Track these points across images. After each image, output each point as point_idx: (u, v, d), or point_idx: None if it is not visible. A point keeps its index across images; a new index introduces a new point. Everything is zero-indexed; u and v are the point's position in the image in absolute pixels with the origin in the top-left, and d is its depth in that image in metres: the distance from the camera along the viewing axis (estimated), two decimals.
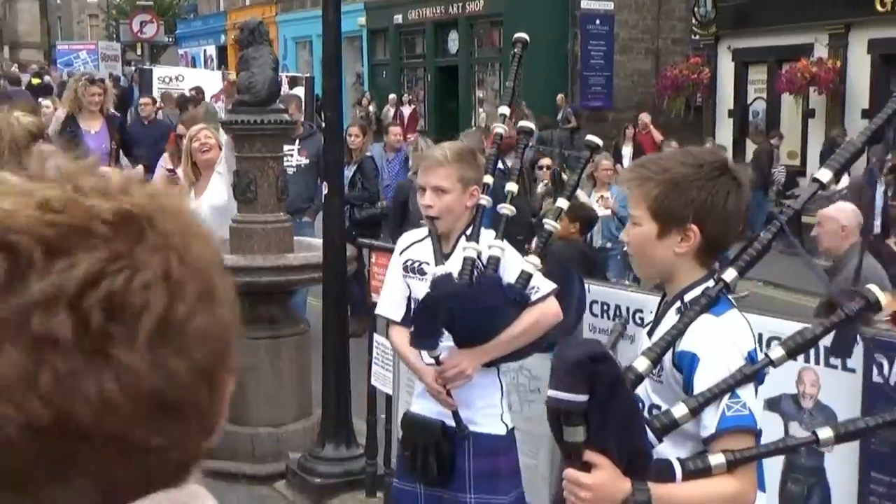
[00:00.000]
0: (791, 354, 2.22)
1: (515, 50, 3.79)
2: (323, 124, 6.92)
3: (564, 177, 11.06)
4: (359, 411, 5.66)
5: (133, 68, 31.45)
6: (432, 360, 3.43)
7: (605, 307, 3.81)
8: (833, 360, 3.03)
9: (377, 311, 3.87)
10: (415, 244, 3.72)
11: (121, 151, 9.37)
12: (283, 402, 6.17)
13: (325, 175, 5.64)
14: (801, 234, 6.77)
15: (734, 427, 2.22)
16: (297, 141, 8.60)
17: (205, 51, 43.05)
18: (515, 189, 3.60)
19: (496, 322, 3.33)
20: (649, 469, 2.15)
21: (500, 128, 3.71)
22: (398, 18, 29.15)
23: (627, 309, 3.71)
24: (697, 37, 23.32)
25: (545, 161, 12.31)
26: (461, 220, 3.56)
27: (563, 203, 3.49)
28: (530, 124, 3.90)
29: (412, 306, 3.65)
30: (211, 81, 22.74)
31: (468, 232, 3.52)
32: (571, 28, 25.39)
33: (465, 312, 3.29)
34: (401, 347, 3.70)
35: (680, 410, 2.20)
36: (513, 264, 3.41)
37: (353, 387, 5.60)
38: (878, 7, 18.05)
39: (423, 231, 3.74)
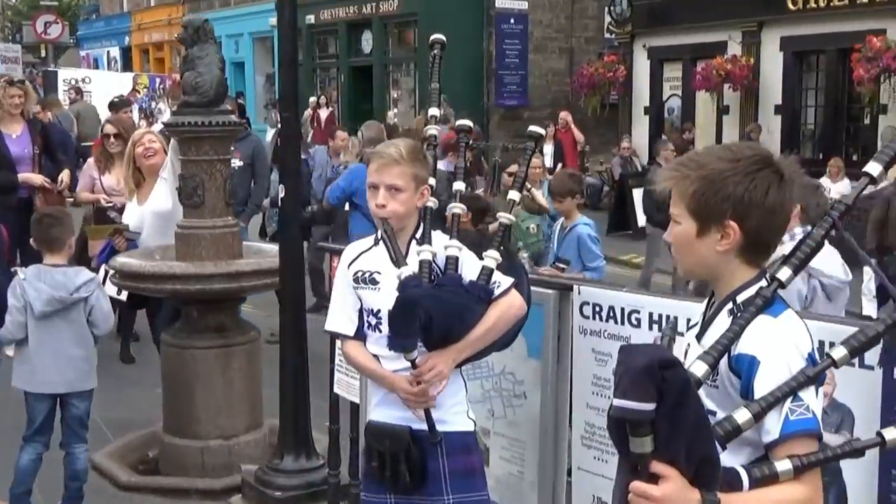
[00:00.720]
0: (854, 354, 2.14)
1: (434, 51, 3.80)
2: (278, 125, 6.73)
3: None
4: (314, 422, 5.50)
5: (34, 71, 30.61)
6: (402, 365, 3.35)
7: (598, 308, 3.69)
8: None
9: (326, 327, 3.69)
10: (362, 254, 3.57)
11: (44, 156, 8.93)
12: (234, 413, 5.98)
13: (282, 178, 5.42)
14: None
15: (799, 431, 2.14)
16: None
17: (108, 52, 42.23)
18: (463, 188, 3.60)
19: (467, 321, 3.29)
20: (718, 478, 2.05)
21: (433, 129, 3.68)
22: (310, 18, 28.78)
23: (622, 310, 3.61)
24: (613, 35, 23.58)
25: (513, 168, 12.31)
26: (411, 221, 3.48)
27: (514, 195, 3.55)
28: (468, 122, 3.90)
29: (365, 318, 3.54)
30: (120, 84, 22.23)
31: (418, 235, 3.47)
32: (486, 27, 25.41)
33: (440, 312, 3.22)
34: (360, 360, 3.57)
35: (743, 416, 2.09)
36: (470, 262, 3.38)
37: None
38: (790, 6, 18.43)
39: (369, 241, 3.61)
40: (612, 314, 3.64)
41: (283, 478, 5.26)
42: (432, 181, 3.58)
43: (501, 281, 3.38)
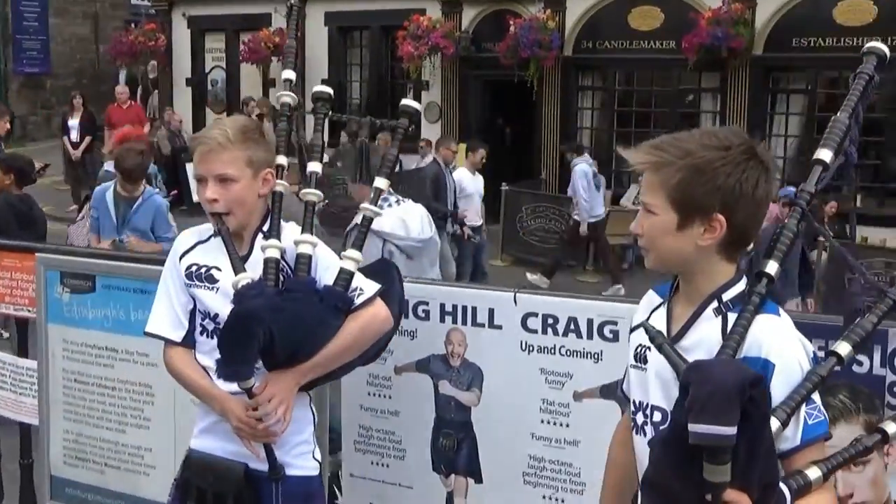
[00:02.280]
0: (857, 348, 2.02)
1: None
2: None
3: None
4: None
5: None
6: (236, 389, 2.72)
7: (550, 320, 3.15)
8: None
9: (147, 328, 2.98)
10: (198, 245, 2.93)
11: None
12: None
13: None
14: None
15: (819, 436, 1.99)
16: None
17: None
18: (319, 169, 2.99)
19: (319, 336, 2.70)
20: (776, 500, 1.83)
21: (287, 97, 3.07)
22: None
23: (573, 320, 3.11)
24: (148, 2, 22.61)
25: None
26: (255, 213, 2.84)
27: (381, 183, 2.96)
28: (328, 89, 3.17)
29: (198, 322, 2.89)
30: None
31: (265, 227, 2.84)
32: None
33: (285, 328, 2.61)
34: (186, 372, 2.89)
35: (772, 425, 1.89)
36: (327, 262, 2.80)
37: None
38: None
39: (207, 228, 2.93)
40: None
41: None
42: (283, 160, 2.95)
43: (364, 287, 2.80)
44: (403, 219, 5.36)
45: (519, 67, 16.21)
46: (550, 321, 3.06)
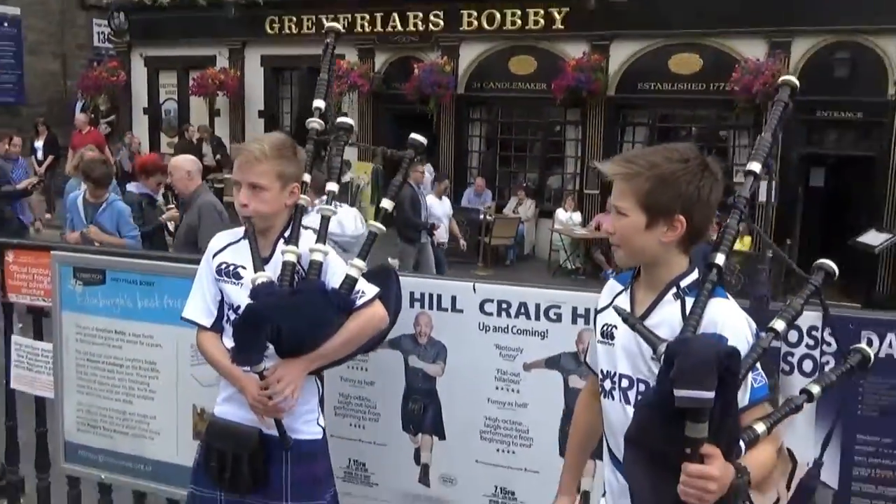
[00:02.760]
0: (790, 325, 1.99)
1: None
2: None
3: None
4: None
5: None
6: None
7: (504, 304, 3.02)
8: None
9: (183, 314, 2.82)
10: (230, 246, 2.77)
11: None
12: None
13: None
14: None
15: (762, 397, 1.96)
16: None
17: None
18: (336, 189, 2.83)
19: (322, 332, 2.59)
20: (735, 450, 1.79)
21: (315, 122, 2.89)
22: None
23: (523, 305, 3.00)
24: (109, 44, 21.84)
25: None
26: (279, 219, 2.70)
27: (387, 204, 2.81)
28: (349, 120, 2.98)
29: (225, 312, 2.74)
30: None
31: (286, 234, 2.69)
32: None
33: (290, 324, 2.51)
34: (213, 353, 2.74)
35: None
36: (336, 268, 2.67)
37: None
38: (268, 30, 18.41)
39: (239, 231, 2.79)
40: (506, 307, 3.03)
41: None
42: (307, 177, 2.76)
43: (365, 291, 2.67)
44: (340, 220, 5.39)
45: (421, 102, 16.17)
46: (504, 305, 2.97)
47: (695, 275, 2.04)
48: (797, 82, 2.30)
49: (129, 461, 3.68)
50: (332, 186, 2.81)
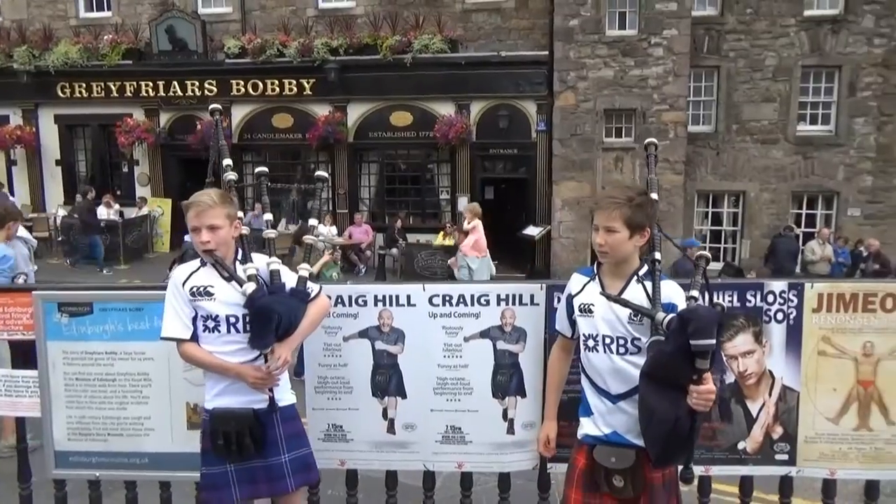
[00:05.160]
0: (698, 298, 2.20)
1: None
2: None
3: None
4: None
5: None
6: (240, 358, 2.53)
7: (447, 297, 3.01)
8: (524, 300, 3.00)
9: (163, 334, 2.56)
10: (193, 274, 2.59)
11: None
12: None
13: None
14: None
15: None
16: None
17: None
18: (270, 217, 2.86)
19: (297, 318, 2.57)
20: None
21: (231, 174, 2.82)
22: None
23: (461, 296, 2.99)
24: None
25: None
26: (231, 248, 2.61)
27: (313, 222, 2.92)
28: (265, 169, 2.96)
29: (202, 324, 2.56)
30: None
31: (239, 257, 2.61)
32: None
33: (284, 314, 2.49)
34: (202, 357, 2.55)
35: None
36: (287, 273, 2.66)
37: None
38: (60, 94, 16.10)
39: (194, 263, 2.63)
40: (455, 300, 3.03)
41: None
42: (240, 214, 2.67)
43: (313, 286, 2.68)
44: None
45: (205, 150, 15.08)
46: (447, 298, 3.01)
47: (645, 267, 2.27)
48: (656, 141, 2.61)
49: (123, 457, 3.18)
50: (268, 216, 2.85)
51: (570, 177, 13.94)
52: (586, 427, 2.33)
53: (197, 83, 15.38)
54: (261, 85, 15.14)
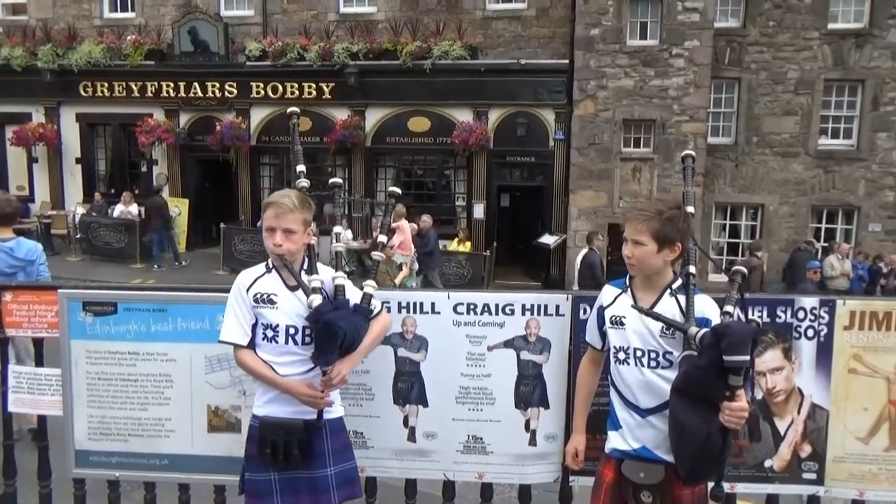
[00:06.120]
0: (734, 306, 2.19)
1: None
2: None
3: None
4: None
5: None
6: (293, 371, 2.47)
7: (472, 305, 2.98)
8: (550, 310, 2.98)
9: (221, 338, 2.49)
10: (258, 279, 2.52)
11: None
12: None
13: None
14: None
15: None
16: None
17: None
18: (342, 231, 2.72)
19: (360, 336, 2.49)
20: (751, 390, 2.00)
21: (304, 181, 2.72)
22: None
23: (486, 305, 2.97)
24: None
25: None
26: (300, 255, 2.55)
27: (383, 238, 2.78)
28: (339, 180, 2.85)
29: (261, 332, 2.50)
30: None
31: (305, 266, 2.55)
32: None
33: (349, 331, 2.41)
34: (256, 366, 2.48)
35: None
36: (351, 289, 2.58)
37: None
38: (83, 92, 16.28)
39: (260, 268, 2.57)
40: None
41: None
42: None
43: (375, 303, 2.61)
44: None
45: (223, 152, 15.23)
46: (472, 306, 2.98)
47: (679, 281, 2.24)
48: (693, 153, 2.58)
49: (143, 458, 3.18)
50: (338, 229, 2.77)
51: (587, 186, 13.89)
52: (614, 441, 2.30)
53: (217, 85, 15.49)
54: (280, 88, 15.23)
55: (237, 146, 15.02)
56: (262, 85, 15.28)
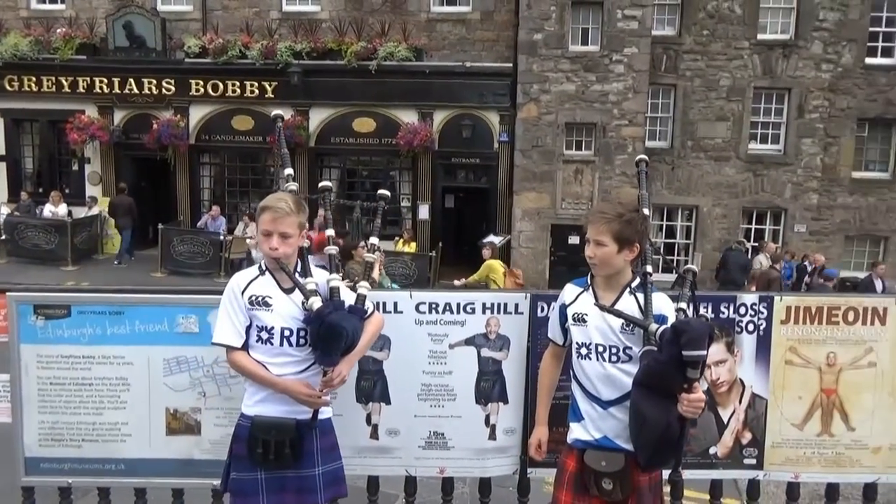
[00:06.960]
0: (686, 310, 2.28)
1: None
2: None
3: None
4: None
5: None
6: (286, 371, 2.47)
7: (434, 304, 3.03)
8: (509, 308, 3.06)
9: (215, 339, 2.48)
10: (252, 282, 2.52)
11: None
12: None
13: None
14: None
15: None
16: None
17: None
18: (333, 232, 2.74)
19: (359, 336, 2.52)
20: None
21: (293, 185, 2.71)
22: None
23: (448, 304, 3.01)
24: None
25: None
26: (294, 258, 2.55)
27: (374, 239, 2.81)
28: (329, 183, 2.84)
29: (255, 334, 2.50)
30: None
31: (299, 268, 2.55)
32: None
33: (350, 332, 2.43)
34: (250, 367, 2.48)
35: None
36: (345, 290, 2.59)
37: None
38: (8, 87, 15.54)
39: (253, 270, 2.57)
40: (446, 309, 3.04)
41: None
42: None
43: (369, 304, 2.62)
44: None
45: (160, 150, 14.81)
46: (434, 305, 3.03)
47: (637, 279, 2.35)
48: (647, 158, 2.71)
49: (98, 464, 3.10)
50: (331, 232, 2.76)
51: (530, 187, 14.16)
52: (576, 432, 2.40)
53: (154, 81, 15.06)
54: (221, 86, 14.93)
55: (175, 145, 14.65)
56: (201, 82, 14.94)
